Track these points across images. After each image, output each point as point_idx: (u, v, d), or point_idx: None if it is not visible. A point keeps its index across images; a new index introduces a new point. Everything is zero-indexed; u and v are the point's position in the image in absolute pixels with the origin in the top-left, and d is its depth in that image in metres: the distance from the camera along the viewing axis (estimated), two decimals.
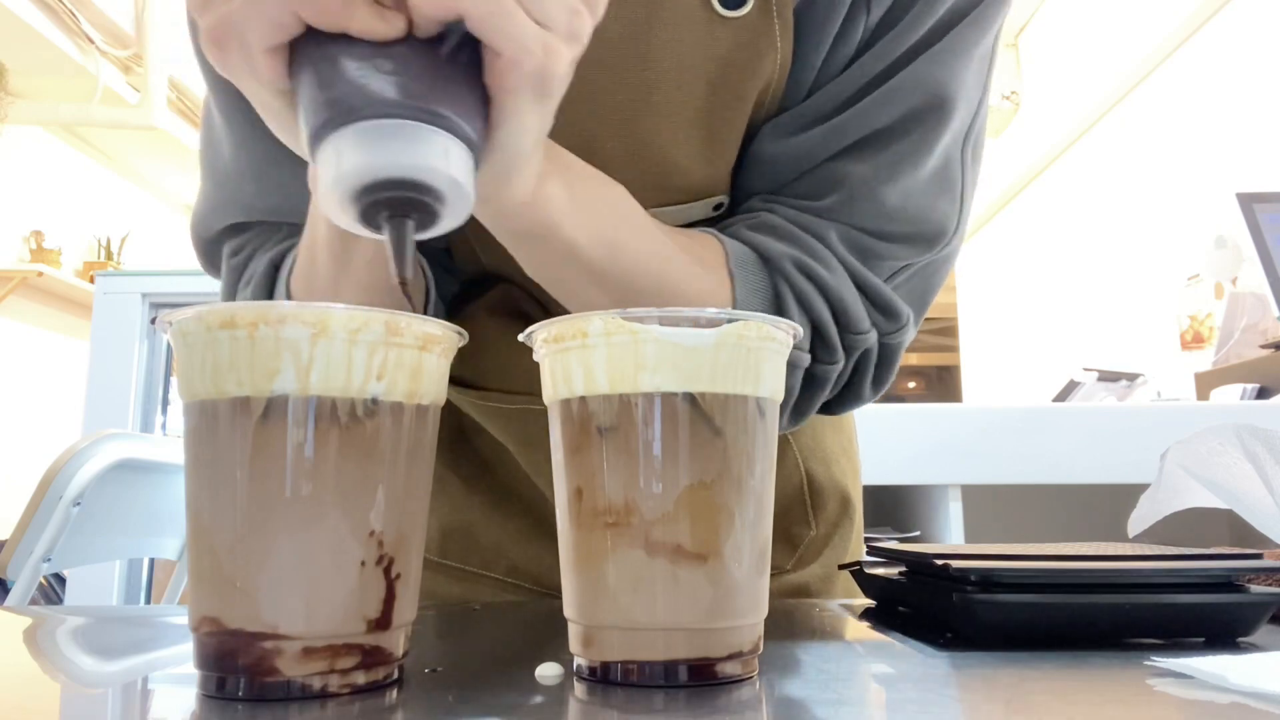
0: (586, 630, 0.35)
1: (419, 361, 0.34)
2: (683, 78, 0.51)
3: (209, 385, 0.32)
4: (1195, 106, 3.15)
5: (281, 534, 0.31)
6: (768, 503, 0.36)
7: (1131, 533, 0.52)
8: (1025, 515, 1.81)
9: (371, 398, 0.32)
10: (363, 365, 0.32)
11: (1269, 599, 0.42)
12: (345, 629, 0.31)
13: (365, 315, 0.32)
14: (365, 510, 0.32)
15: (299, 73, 0.33)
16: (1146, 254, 3.41)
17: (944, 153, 0.54)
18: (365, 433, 0.32)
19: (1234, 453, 0.45)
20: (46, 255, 4.04)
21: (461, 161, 0.33)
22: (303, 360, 0.31)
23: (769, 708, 0.32)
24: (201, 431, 0.32)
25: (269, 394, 0.31)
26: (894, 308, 0.54)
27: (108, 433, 1.23)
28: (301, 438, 0.31)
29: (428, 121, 0.32)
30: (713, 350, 0.34)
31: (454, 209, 0.34)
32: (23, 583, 1.11)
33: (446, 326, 0.35)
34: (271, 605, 0.30)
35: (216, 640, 0.31)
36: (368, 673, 0.32)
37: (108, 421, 2.10)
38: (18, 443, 3.93)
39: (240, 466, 0.31)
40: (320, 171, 0.33)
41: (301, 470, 0.31)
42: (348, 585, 0.31)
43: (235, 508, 0.31)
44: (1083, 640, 0.42)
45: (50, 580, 2.77)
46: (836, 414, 0.59)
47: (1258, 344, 2.20)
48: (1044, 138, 4.28)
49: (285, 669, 0.30)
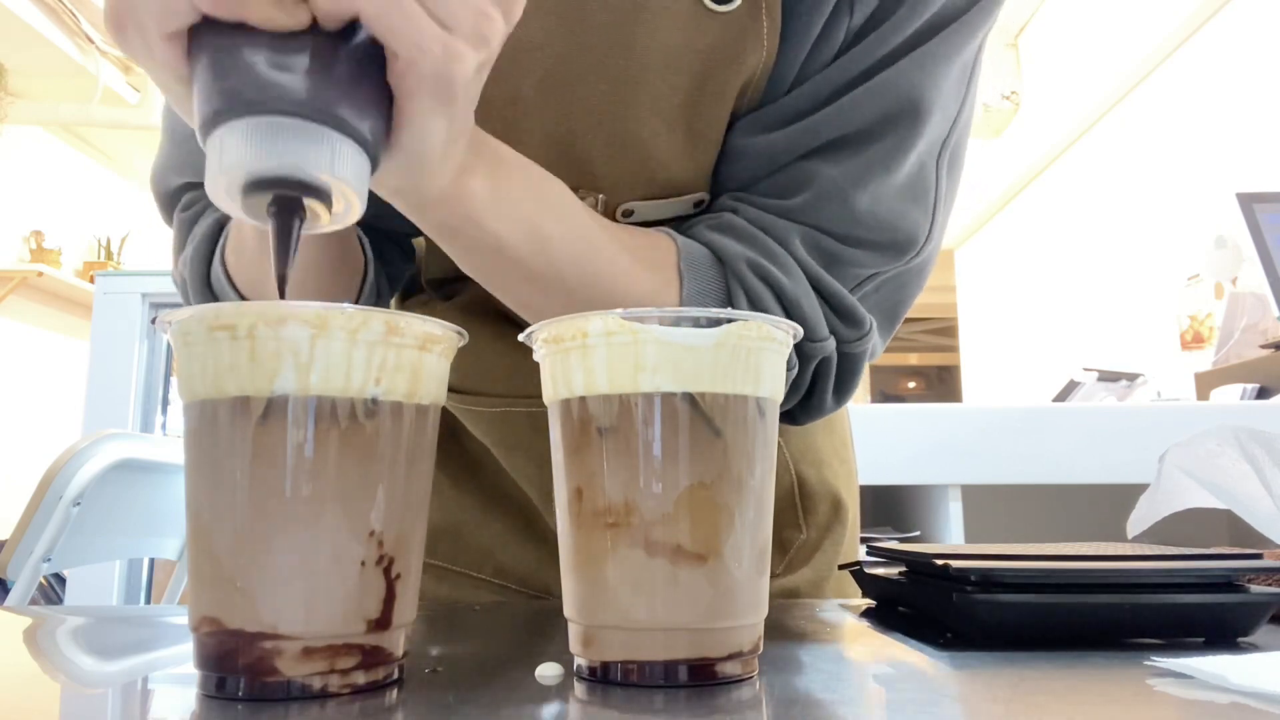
0: (586, 630, 0.35)
1: (419, 361, 0.34)
2: (667, 70, 0.51)
3: (209, 385, 0.32)
4: (1195, 106, 3.15)
5: (281, 534, 0.31)
6: (768, 503, 0.36)
7: (1131, 534, 0.52)
8: (1025, 515, 1.81)
9: (371, 398, 0.32)
10: (362, 365, 0.32)
11: (1269, 599, 0.42)
12: (345, 629, 0.31)
13: (365, 315, 0.32)
14: (365, 510, 0.32)
15: (196, 60, 0.33)
16: (1146, 254, 3.41)
17: (918, 160, 0.53)
18: (365, 433, 0.32)
19: (1232, 454, 0.45)
20: (46, 255, 4.04)
21: (351, 162, 0.33)
22: (303, 360, 0.31)
23: (769, 708, 0.32)
24: (201, 432, 0.32)
25: (269, 394, 0.31)
26: (855, 314, 0.53)
27: (108, 433, 1.23)
28: (301, 438, 0.31)
29: (319, 120, 0.32)
30: (713, 350, 0.34)
31: (342, 209, 0.34)
32: (23, 583, 1.11)
33: (447, 327, 0.35)
34: (271, 605, 0.30)
35: (216, 640, 0.31)
36: (367, 673, 0.32)
37: (108, 421, 2.10)
38: (18, 443, 3.93)
39: (240, 467, 0.31)
40: (208, 160, 0.33)
41: (301, 470, 0.31)
42: (347, 585, 0.31)
43: (235, 508, 0.31)
44: (1083, 640, 0.42)
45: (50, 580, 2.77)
46: (800, 424, 0.58)
47: (1258, 344, 2.20)
48: (1044, 138, 4.28)
49: (285, 669, 0.30)
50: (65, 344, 4.34)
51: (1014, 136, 4.64)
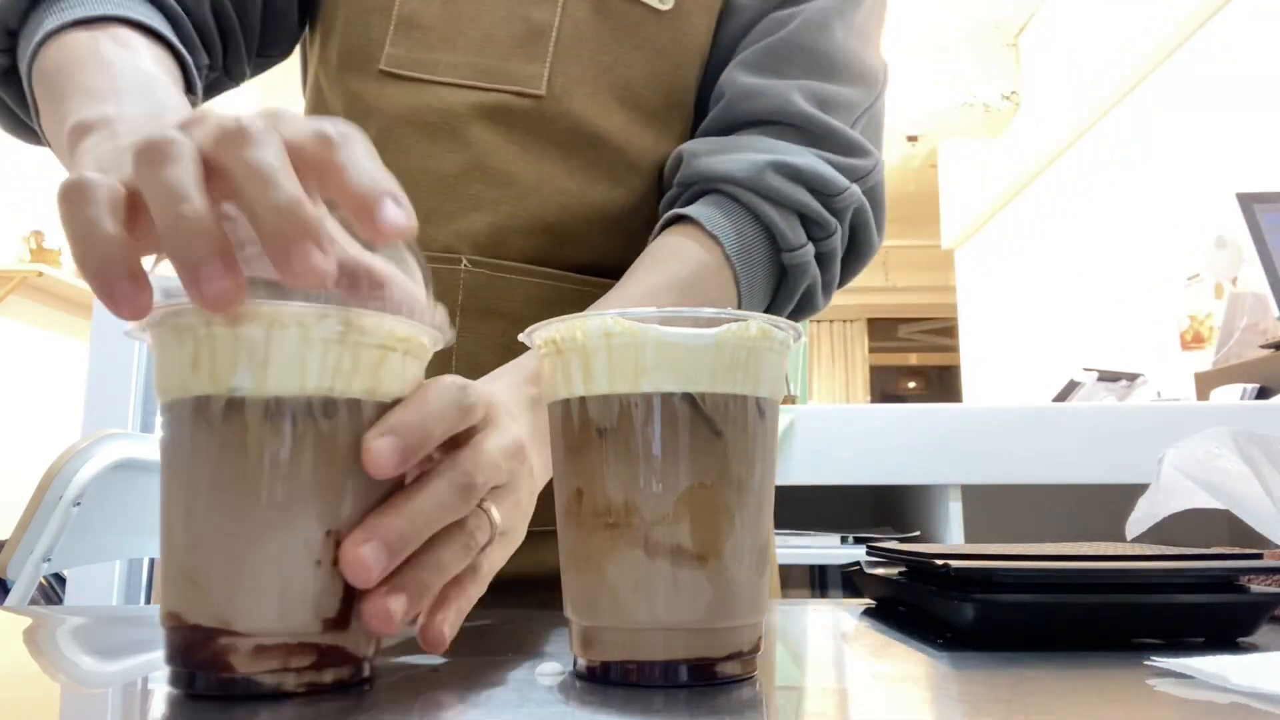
0: (586, 630, 0.35)
1: (380, 359, 0.33)
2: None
3: (173, 385, 0.32)
4: (1195, 106, 3.15)
5: (236, 533, 0.31)
6: (768, 503, 0.36)
7: (1130, 534, 0.52)
8: (1025, 515, 1.81)
9: (328, 396, 0.31)
10: (318, 364, 0.31)
11: (1269, 599, 0.42)
12: (298, 628, 0.31)
13: (321, 311, 0.31)
14: (323, 510, 0.31)
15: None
16: (1146, 254, 3.41)
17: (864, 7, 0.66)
18: (321, 431, 0.31)
19: (1231, 456, 0.45)
20: (46, 255, 4.04)
21: None
22: (258, 359, 0.31)
23: (769, 708, 0.32)
24: (169, 431, 0.32)
25: (227, 394, 0.31)
26: (862, 146, 0.63)
27: (108, 433, 1.23)
28: (256, 437, 0.31)
29: None
30: (713, 350, 0.34)
31: None
32: (23, 583, 1.10)
33: (414, 326, 0.34)
34: (226, 602, 0.30)
35: (179, 636, 0.31)
36: (323, 672, 0.32)
37: (108, 421, 2.10)
38: (18, 443, 3.93)
39: (197, 465, 0.31)
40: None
41: (257, 470, 0.31)
42: (302, 584, 0.31)
43: (192, 505, 0.31)
44: (1083, 640, 0.42)
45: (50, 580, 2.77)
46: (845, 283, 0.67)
47: (1258, 344, 2.20)
48: (1044, 138, 4.28)
49: (239, 665, 0.30)
50: (65, 344, 4.34)
51: (1014, 136, 4.64)
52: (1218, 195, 2.78)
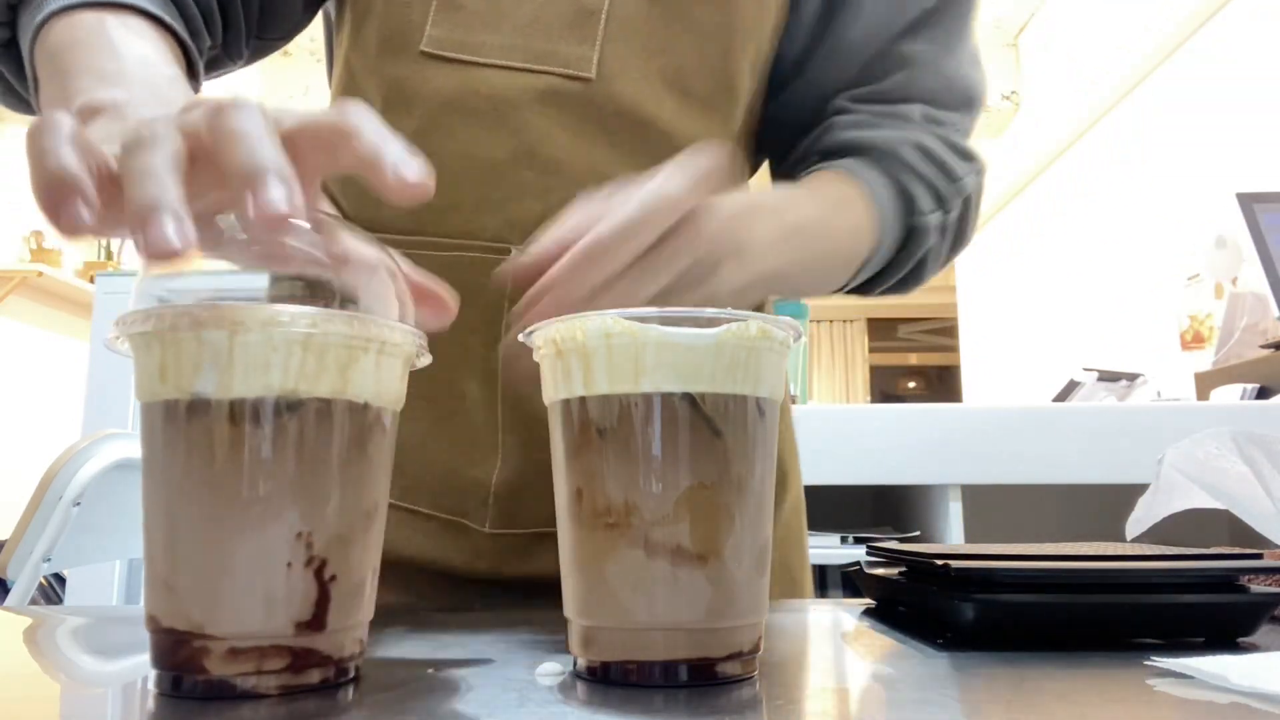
0: (586, 630, 0.35)
1: (348, 359, 0.33)
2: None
3: (145, 388, 0.32)
4: (1195, 106, 3.15)
5: (206, 535, 0.31)
6: (768, 503, 0.36)
7: (1130, 534, 0.52)
8: (1025, 515, 1.81)
9: (294, 397, 0.31)
10: (281, 365, 0.31)
11: (1269, 599, 0.42)
12: (270, 630, 0.31)
13: (289, 313, 0.31)
14: (292, 512, 0.31)
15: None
16: (1146, 254, 3.41)
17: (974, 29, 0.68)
18: (289, 432, 0.31)
19: (1231, 457, 0.45)
20: (46, 255, 4.04)
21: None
22: (222, 361, 0.31)
23: (769, 708, 0.32)
24: (144, 433, 0.33)
25: (191, 395, 0.31)
26: (971, 151, 0.67)
27: (108, 433, 1.23)
28: (223, 438, 0.31)
29: None
30: (713, 350, 0.34)
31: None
32: (23, 583, 1.11)
33: (384, 325, 0.33)
34: (198, 605, 0.31)
35: (158, 638, 0.31)
36: (300, 674, 0.32)
37: (108, 421, 2.10)
38: (18, 443, 3.93)
39: (169, 468, 0.31)
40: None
41: (224, 471, 0.31)
42: (273, 587, 0.31)
43: (165, 509, 0.31)
44: (1083, 640, 0.42)
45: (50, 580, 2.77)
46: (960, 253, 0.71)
47: (1258, 344, 2.20)
48: (1044, 138, 4.28)
49: (213, 668, 0.30)
50: (65, 344, 4.34)
51: (1014, 136, 4.64)
52: (1218, 195, 2.78)
